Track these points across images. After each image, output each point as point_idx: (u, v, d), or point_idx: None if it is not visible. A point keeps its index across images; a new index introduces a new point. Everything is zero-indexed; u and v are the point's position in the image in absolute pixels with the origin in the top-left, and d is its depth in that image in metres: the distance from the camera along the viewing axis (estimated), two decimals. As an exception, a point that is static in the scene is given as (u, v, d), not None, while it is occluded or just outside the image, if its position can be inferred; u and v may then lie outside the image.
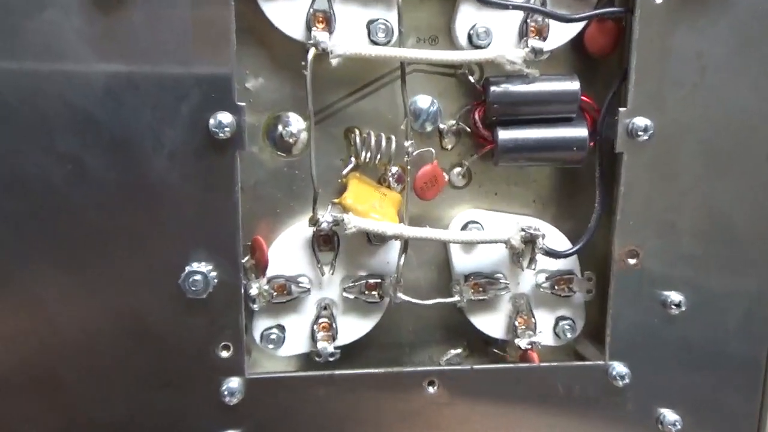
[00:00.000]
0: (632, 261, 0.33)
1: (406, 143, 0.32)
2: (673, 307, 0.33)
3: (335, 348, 0.33)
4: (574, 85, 0.32)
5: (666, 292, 0.33)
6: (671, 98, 0.31)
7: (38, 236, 0.29)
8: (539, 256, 0.33)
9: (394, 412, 0.32)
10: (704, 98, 0.31)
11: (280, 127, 0.33)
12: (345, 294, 0.33)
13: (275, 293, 0.33)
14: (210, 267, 0.30)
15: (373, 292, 0.34)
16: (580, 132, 0.32)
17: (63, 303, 0.29)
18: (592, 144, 0.33)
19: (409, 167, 0.32)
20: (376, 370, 0.32)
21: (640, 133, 0.31)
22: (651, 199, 0.32)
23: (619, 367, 0.33)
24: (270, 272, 0.33)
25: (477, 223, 0.34)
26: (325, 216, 0.31)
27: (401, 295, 0.33)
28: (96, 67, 0.27)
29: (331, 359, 0.33)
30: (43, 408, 0.30)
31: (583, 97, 0.32)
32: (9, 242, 0.28)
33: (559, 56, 0.33)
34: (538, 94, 0.32)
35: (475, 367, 0.33)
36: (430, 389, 0.33)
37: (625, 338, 0.33)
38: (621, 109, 0.31)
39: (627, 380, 0.33)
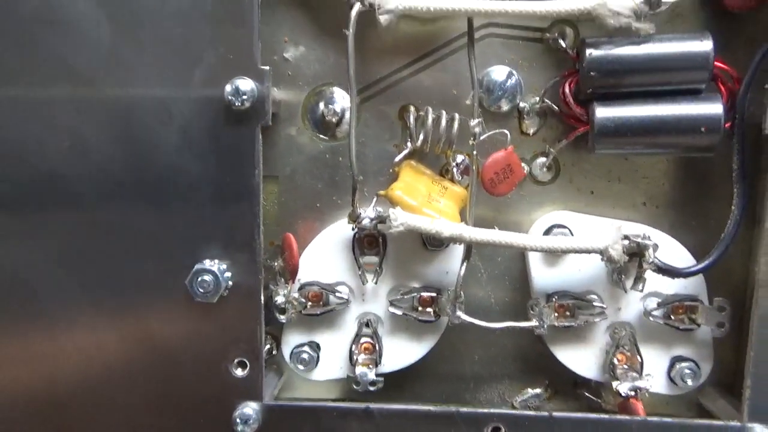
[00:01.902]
0: (786, 286, 0.24)
1: (473, 122, 0.25)
2: None
3: (378, 375, 0.27)
4: (704, 46, 0.25)
5: (838, 333, 0.23)
6: None
7: (36, 225, 0.25)
8: (649, 274, 0.25)
9: (446, 465, 0.25)
10: None
11: (322, 105, 0.28)
12: (392, 309, 0.27)
13: (309, 303, 0.27)
14: (224, 266, 0.25)
15: (428, 309, 0.27)
16: (713, 108, 0.25)
17: (63, 306, 0.26)
18: (728, 125, 0.25)
19: (475, 152, 0.26)
20: (425, 407, 0.26)
21: (801, 106, 0.22)
22: (816, 200, 0.23)
23: (763, 433, 0.24)
24: (304, 278, 0.27)
25: (564, 227, 0.27)
26: (368, 211, 0.26)
27: (461, 314, 0.26)
28: (97, 23, 0.23)
29: (371, 389, 0.27)
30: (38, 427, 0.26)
31: (717, 62, 0.24)
32: (8, 231, 0.25)
33: (685, 9, 0.26)
34: (653, 57, 0.25)
35: (556, 414, 0.25)
36: (494, 439, 0.26)
37: (773, 393, 0.24)
38: (773, 74, 0.23)
39: (775, 454, 0.24)
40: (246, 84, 0.24)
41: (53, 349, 0.26)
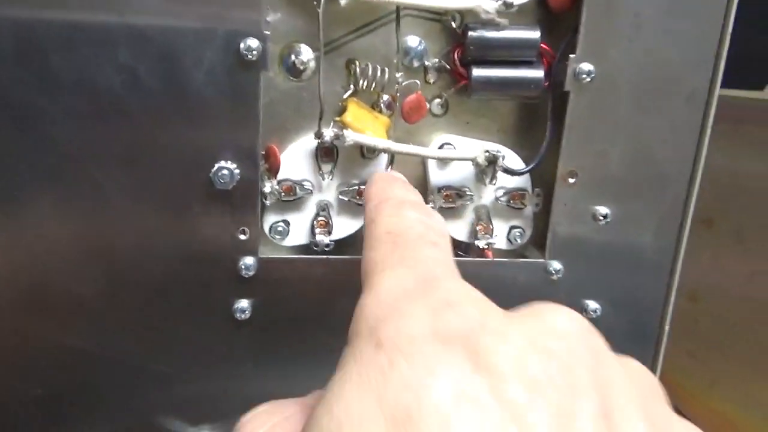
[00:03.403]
0: (572, 180, 0.41)
1: (397, 75, 0.39)
2: (600, 218, 0.41)
3: (330, 240, 0.41)
4: (535, 35, 0.38)
5: (596, 207, 0.41)
6: (611, 49, 0.38)
7: (101, 134, 0.35)
8: (499, 174, 0.41)
9: (377, 290, 0.41)
10: (637, 50, 0.38)
11: (292, 56, 0.39)
12: (340, 197, 0.41)
13: (283, 193, 0.40)
14: (235, 165, 0.37)
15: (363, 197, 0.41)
16: (538, 73, 0.39)
17: (119, 188, 0.36)
18: (546, 84, 0.39)
19: (398, 95, 0.39)
20: (364, 257, 0.40)
21: (584, 76, 0.38)
22: (589, 131, 0.40)
23: (555, 264, 0.42)
24: (280, 176, 0.40)
25: (451, 144, 0.42)
26: (328, 131, 0.39)
27: (386, 200, 0.41)
28: (152, -4, 0.34)
29: (326, 249, 0.41)
30: (96, 270, 0.38)
31: (542, 45, 0.39)
32: (78, 137, 0.35)
33: (526, 10, 0.39)
34: (507, 40, 0.38)
35: (442, 258, 0.41)
36: (406, 274, 0.41)
37: (561, 242, 0.41)
38: (571, 55, 0.38)
39: (561, 275, 0.42)
40: (254, 42, 0.35)
41: (110, 211, 0.36)
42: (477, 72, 0.39)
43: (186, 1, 0.34)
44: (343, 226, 0.42)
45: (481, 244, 0.42)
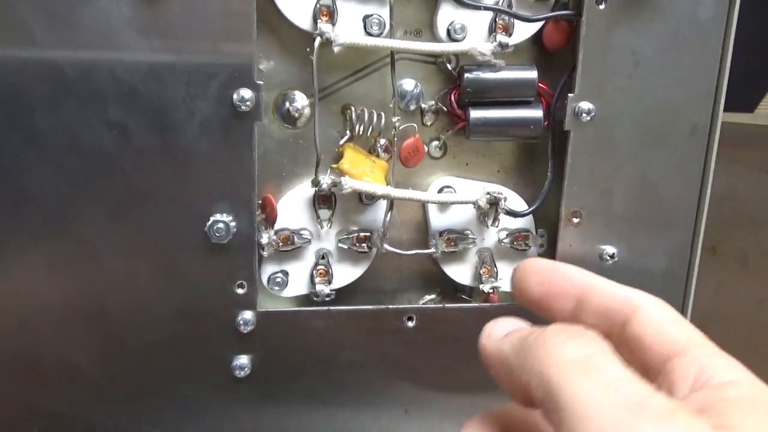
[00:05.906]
0: (576, 220, 0.40)
1: (394, 119, 0.38)
2: (607, 258, 0.40)
3: (331, 290, 0.40)
4: (532, 74, 0.38)
5: (602, 246, 0.40)
6: (610, 87, 0.38)
7: (92, 190, 0.34)
8: (501, 216, 0.40)
9: (381, 340, 0.39)
10: (636, 87, 0.38)
11: (287, 104, 0.38)
12: (340, 245, 0.40)
13: (281, 243, 0.39)
14: (230, 218, 0.36)
15: (363, 244, 0.40)
16: (537, 113, 0.39)
17: (110, 246, 0.35)
18: (546, 123, 0.39)
19: (396, 139, 0.39)
20: (366, 306, 0.39)
21: (584, 114, 0.38)
22: (592, 169, 0.39)
23: (563, 307, 0.40)
24: (277, 225, 0.39)
25: (451, 187, 0.41)
26: (325, 178, 0.38)
27: (387, 246, 0.40)
28: (141, 50, 0.33)
29: (327, 299, 0.39)
30: (88, 332, 0.36)
31: (540, 84, 0.38)
32: (68, 195, 0.34)
33: (522, 50, 0.39)
34: (503, 80, 0.38)
35: (446, 305, 0.40)
36: (410, 323, 0.40)
37: (569, 283, 0.40)
38: (570, 94, 0.38)
39: (570, 317, 0.40)
40: (247, 93, 0.34)
41: (103, 272, 0.35)
42: (475, 113, 0.39)
43: (176, 53, 0.33)
44: (344, 275, 0.40)
45: (486, 288, 0.41)
